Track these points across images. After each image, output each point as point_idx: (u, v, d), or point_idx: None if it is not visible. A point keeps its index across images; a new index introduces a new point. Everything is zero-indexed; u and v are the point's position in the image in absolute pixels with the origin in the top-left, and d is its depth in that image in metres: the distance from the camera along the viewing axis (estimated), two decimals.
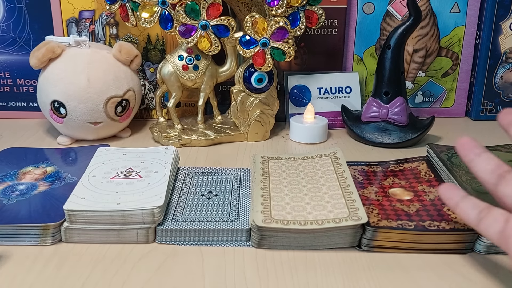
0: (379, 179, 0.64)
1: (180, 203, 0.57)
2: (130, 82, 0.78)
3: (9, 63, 0.87)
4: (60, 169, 0.66)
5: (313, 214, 0.53)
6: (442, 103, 0.93)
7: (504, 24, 0.87)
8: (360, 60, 0.90)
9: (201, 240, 0.53)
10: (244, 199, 0.59)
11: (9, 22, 0.85)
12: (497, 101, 0.91)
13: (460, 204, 0.46)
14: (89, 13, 0.84)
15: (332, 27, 0.87)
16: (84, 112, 0.74)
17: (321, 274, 0.48)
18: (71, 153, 0.73)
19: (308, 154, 0.68)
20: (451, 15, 0.88)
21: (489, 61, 0.89)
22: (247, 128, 0.80)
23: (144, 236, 0.52)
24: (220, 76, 0.80)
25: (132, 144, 0.79)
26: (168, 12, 0.73)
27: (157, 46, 0.86)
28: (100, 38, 0.85)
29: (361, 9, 0.88)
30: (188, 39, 0.74)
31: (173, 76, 0.77)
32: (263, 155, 0.68)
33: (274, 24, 0.72)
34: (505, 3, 0.86)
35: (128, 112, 0.79)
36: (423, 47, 0.90)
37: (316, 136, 0.80)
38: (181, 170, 0.67)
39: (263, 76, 0.78)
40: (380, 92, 0.79)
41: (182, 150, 0.75)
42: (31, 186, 0.60)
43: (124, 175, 0.60)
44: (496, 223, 0.42)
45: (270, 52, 0.74)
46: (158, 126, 0.82)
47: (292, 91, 0.86)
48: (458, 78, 0.92)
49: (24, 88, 0.88)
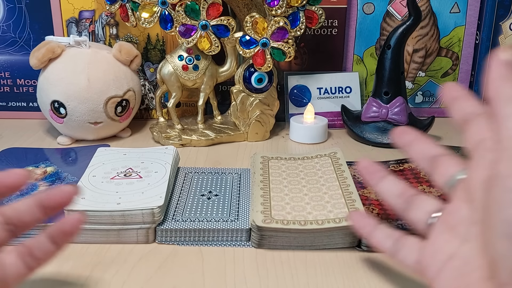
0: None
1: (180, 203, 0.57)
2: (130, 82, 0.78)
3: (9, 63, 0.87)
4: (60, 169, 0.66)
5: (313, 214, 0.53)
6: (442, 103, 0.93)
7: (504, 24, 0.87)
8: (360, 60, 0.90)
9: (201, 240, 0.53)
10: (244, 199, 0.59)
11: (9, 22, 0.85)
12: None
13: (373, 233, 0.43)
14: (89, 13, 0.84)
15: (332, 27, 0.87)
16: (84, 112, 0.74)
17: (321, 274, 0.48)
18: (71, 153, 0.73)
19: (308, 154, 0.68)
20: (451, 15, 0.88)
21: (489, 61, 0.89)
22: (247, 128, 0.80)
23: (144, 236, 0.52)
24: (220, 76, 0.80)
25: (132, 144, 0.79)
26: (168, 12, 0.73)
27: (157, 46, 0.86)
28: (100, 38, 0.86)
29: (361, 9, 0.88)
30: (188, 39, 0.74)
31: (173, 76, 0.77)
32: (263, 155, 0.68)
33: (274, 24, 0.73)
34: (505, 3, 0.86)
35: (128, 112, 0.79)
36: (423, 47, 0.90)
37: (316, 136, 0.80)
38: (181, 170, 0.67)
39: (263, 76, 0.78)
40: (380, 92, 0.79)
41: (182, 150, 0.75)
42: (31, 186, 0.60)
43: (124, 175, 0.60)
44: (411, 254, 0.38)
45: (270, 52, 0.74)
46: (158, 126, 0.82)
47: (292, 91, 0.86)
48: (458, 78, 0.92)
49: (24, 88, 0.88)
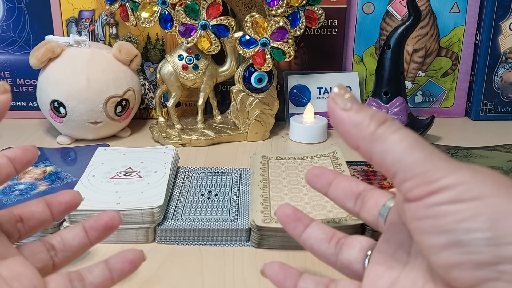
0: (379, 179, 0.64)
1: (179, 203, 0.57)
2: (130, 82, 0.78)
3: (9, 63, 0.87)
4: (59, 168, 0.66)
5: (313, 214, 0.53)
6: (441, 103, 0.93)
7: (503, 24, 0.87)
8: (360, 60, 0.90)
9: (200, 240, 0.53)
10: (243, 199, 0.59)
11: (9, 21, 0.85)
12: (497, 101, 0.91)
13: (299, 284, 0.36)
14: (89, 13, 0.84)
15: (332, 27, 0.87)
16: (84, 111, 0.74)
17: (320, 274, 0.48)
18: (71, 152, 0.73)
19: (308, 154, 0.68)
20: (451, 15, 0.88)
21: (488, 61, 0.89)
22: (246, 128, 0.80)
23: (144, 236, 0.52)
24: (220, 76, 0.80)
25: (132, 144, 0.79)
26: (168, 12, 0.73)
27: (157, 46, 0.86)
28: (100, 38, 0.85)
29: (361, 9, 0.88)
30: (188, 39, 0.74)
31: (173, 76, 0.77)
32: (263, 155, 0.68)
33: (274, 24, 0.72)
34: (504, 3, 0.86)
35: (128, 111, 0.79)
36: (423, 47, 0.90)
37: (316, 136, 0.80)
38: (181, 170, 0.67)
39: (263, 76, 0.78)
40: (380, 92, 0.79)
41: (182, 150, 0.75)
42: (31, 186, 0.60)
43: (124, 175, 0.60)
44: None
45: (270, 52, 0.74)
46: (158, 126, 0.82)
47: (292, 91, 0.86)
48: (458, 78, 0.92)
49: (24, 88, 0.88)
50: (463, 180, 0.27)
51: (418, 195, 0.28)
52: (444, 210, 0.27)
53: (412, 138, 0.29)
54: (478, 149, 0.70)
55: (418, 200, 0.28)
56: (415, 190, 0.28)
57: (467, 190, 0.27)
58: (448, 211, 0.27)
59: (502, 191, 0.27)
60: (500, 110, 0.91)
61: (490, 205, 0.26)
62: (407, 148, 0.29)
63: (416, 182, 0.28)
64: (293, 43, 0.75)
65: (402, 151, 0.29)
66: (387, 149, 0.29)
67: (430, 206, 0.28)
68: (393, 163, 0.29)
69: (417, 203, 0.28)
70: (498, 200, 0.27)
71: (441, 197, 0.27)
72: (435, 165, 0.28)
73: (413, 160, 0.28)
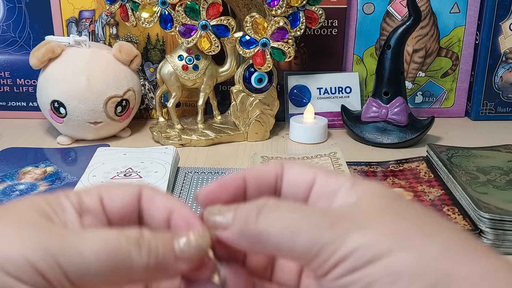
0: (379, 179, 0.64)
1: None
2: (130, 82, 0.78)
3: (9, 63, 0.87)
4: (60, 169, 0.66)
5: None
6: (441, 103, 0.93)
7: (503, 25, 0.87)
8: (360, 60, 0.90)
9: None
10: None
11: (9, 22, 0.85)
12: (497, 101, 0.91)
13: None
14: (89, 13, 0.84)
15: (332, 27, 0.87)
16: (84, 112, 0.74)
17: None
18: (71, 153, 0.73)
19: (308, 154, 0.68)
20: (451, 15, 0.88)
21: (488, 61, 0.89)
22: (247, 128, 0.80)
23: None
24: (220, 76, 0.80)
25: (132, 144, 0.79)
26: (168, 12, 0.73)
27: (157, 46, 0.86)
28: (100, 38, 0.86)
29: (361, 9, 0.88)
30: (188, 39, 0.75)
31: (173, 76, 0.77)
32: (263, 155, 0.68)
33: (274, 24, 0.73)
34: (505, 3, 0.86)
35: (128, 112, 0.79)
36: (423, 47, 0.90)
37: (316, 136, 0.80)
38: (181, 170, 0.67)
39: (263, 76, 0.78)
40: (380, 92, 0.79)
41: (182, 150, 0.75)
42: (31, 186, 0.60)
43: (124, 175, 0.60)
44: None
45: (270, 52, 0.74)
46: (158, 126, 0.82)
47: (292, 91, 0.86)
48: (458, 78, 0.92)
49: (24, 88, 0.88)
50: (356, 245, 0.25)
51: (323, 272, 0.26)
52: (348, 281, 0.25)
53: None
54: (478, 149, 0.70)
55: (323, 277, 0.26)
56: (319, 269, 0.26)
57: (362, 255, 0.25)
58: (350, 280, 0.25)
59: (399, 237, 0.25)
60: (500, 110, 0.91)
61: (387, 267, 0.24)
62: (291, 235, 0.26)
63: (317, 262, 0.26)
64: (293, 43, 0.75)
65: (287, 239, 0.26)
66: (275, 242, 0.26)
67: (334, 280, 0.26)
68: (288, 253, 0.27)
69: (324, 279, 0.26)
70: (394, 259, 0.24)
71: (339, 270, 0.25)
72: (323, 240, 0.25)
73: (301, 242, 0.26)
